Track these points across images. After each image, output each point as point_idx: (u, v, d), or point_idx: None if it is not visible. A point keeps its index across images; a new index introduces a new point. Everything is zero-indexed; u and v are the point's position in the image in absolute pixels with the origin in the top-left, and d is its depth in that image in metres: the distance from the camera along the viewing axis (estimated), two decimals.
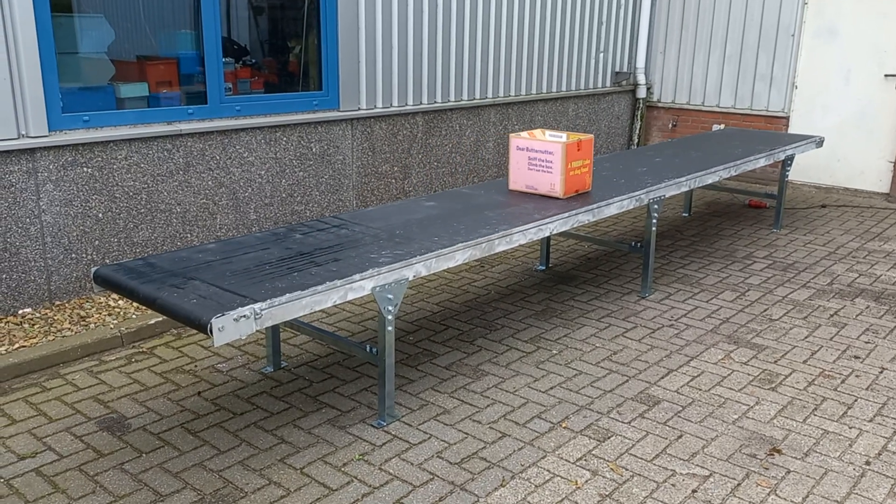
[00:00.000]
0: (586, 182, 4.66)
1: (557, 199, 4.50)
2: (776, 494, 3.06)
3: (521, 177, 4.62)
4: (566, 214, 4.25)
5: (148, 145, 4.90)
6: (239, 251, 3.52)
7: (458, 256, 3.64)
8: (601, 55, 8.64)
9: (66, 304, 4.66)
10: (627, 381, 3.99)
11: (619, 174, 5.28)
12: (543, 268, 5.76)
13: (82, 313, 4.55)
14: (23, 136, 4.38)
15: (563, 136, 4.54)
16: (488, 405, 3.73)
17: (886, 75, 7.73)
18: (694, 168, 5.50)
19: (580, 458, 3.29)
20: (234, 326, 2.77)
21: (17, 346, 4.11)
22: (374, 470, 3.19)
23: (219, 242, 3.65)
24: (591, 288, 5.35)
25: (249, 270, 3.26)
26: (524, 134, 4.60)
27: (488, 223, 4.02)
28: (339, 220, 4.07)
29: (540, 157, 4.48)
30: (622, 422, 3.59)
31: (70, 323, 4.41)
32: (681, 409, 3.72)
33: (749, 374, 4.08)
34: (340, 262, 3.39)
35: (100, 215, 4.76)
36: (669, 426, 3.56)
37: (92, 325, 4.40)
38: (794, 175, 8.48)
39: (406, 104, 6.51)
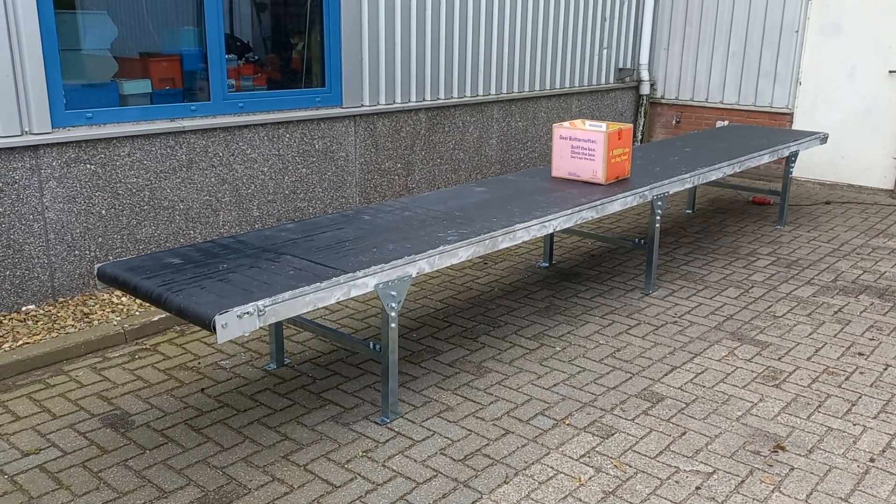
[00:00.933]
0: (626, 169, 4.93)
1: (599, 184, 4.77)
2: (780, 491, 3.06)
3: (564, 164, 4.90)
4: (609, 199, 4.50)
5: (151, 142, 4.90)
6: (317, 230, 3.81)
7: (462, 253, 3.64)
8: (605, 51, 8.62)
9: (70, 301, 4.66)
10: (631, 377, 3.99)
11: (651, 164, 5.40)
12: (547, 265, 5.75)
13: (86, 310, 4.56)
14: (26, 132, 4.39)
15: (602, 126, 4.80)
16: (491, 402, 3.72)
17: (891, 71, 7.70)
18: (697, 164, 5.48)
19: (584, 455, 3.28)
20: (237, 323, 2.77)
21: (20, 342, 4.11)
22: (377, 467, 3.19)
23: (296, 223, 3.93)
24: (594, 285, 5.34)
25: (332, 247, 3.54)
26: (566, 124, 4.87)
27: (539, 206, 4.27)
28: (401, 203, 4.36)
29: (583, 146, 4.76)
30: (626, 419, 3.59)
31: (73, 320, 4.42)
32: (684, 406, 3.71)
33: (753, 371, 4.07)
34: (411, 239, 3.66)
35: (103, 212, 4.77)
36: (673, 423, 3.55)
37: (95, 322, 4.40)
38: (798, 172, 8.46)
39: (409, 101, 6.50)
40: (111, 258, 4.87)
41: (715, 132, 7.11)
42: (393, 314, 3.37)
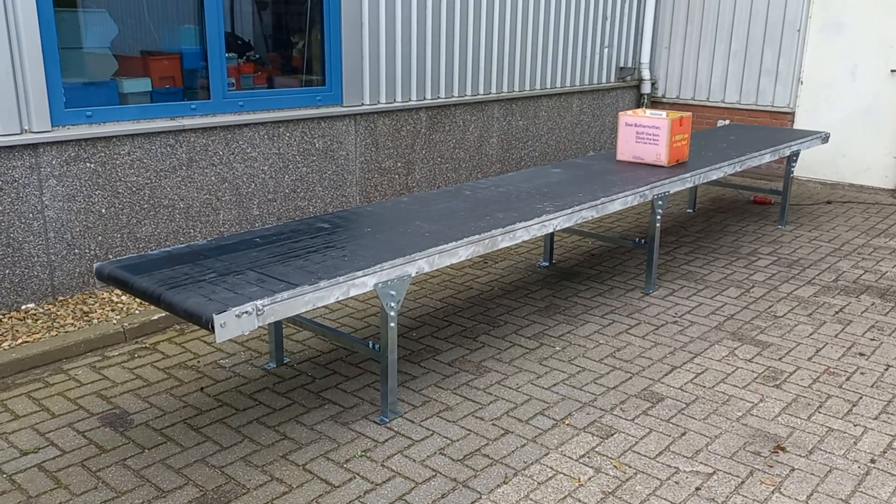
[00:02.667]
0: (685, 153, 5.51)
1: (663, 166, 5.31)
2: (780, 492, 3.05)
3: (628, 148, 5.44)
4: (673, 178, 5.02)
5: (151, 141, 4.89)
6: (431, 203, 4.33)
7: (461, 252, 3.63)
8: (606, 50, 8.61)
9: (69, 300, 4.66)
10: (631, 377, 3.98)
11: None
12: (547, 264, 5.74)
13: (85, 309, 4.55)
14: (26, 131, 4.38)
15: (662, 114, 5.30)
16: (491, 402, 3.72)
17: (893, 70, 7.69)
18: (698, 164, 5.47)
19: (583, 456, 3.28)
20: (236, 322, 2.76)
21: (19, 341, 4.11)
22: (376, 466, 3.18)
23: (411, 196, 4.46)
24: (594, 284, 5.33)
25: (450, 216, 4.05)
26: (629, 112, 5.42)
27: (614, 185, 4.77)
28: (493, 182, 4.89)
29: (647, 132, 5.31)
30: (625, 419, 3.58)
31: (73, 318, 4.41)
32: (684, 406, 3.70)
33: (753, 371, 4.06)
34: (514, 210, 4.15)
35: (103, 211, 4.76)
36: (673, 423, 3.54)
37: (95, 321, 4.40)
38: (799, 171, 8.45)
39: (409, 99, 6.49)
40: (111, 257, 4.86)
41: (716, 131, 7.10)
42: (392, 313, 3.36)
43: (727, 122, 8.79)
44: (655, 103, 9.34)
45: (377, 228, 3.83)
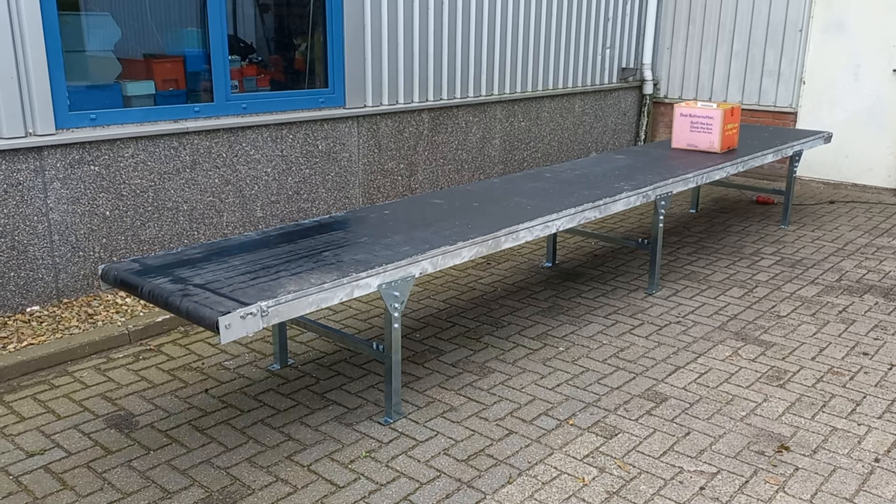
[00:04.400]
0: (735, 141, 6.05)
1: (715, 153, 5.82)
2: (785, 492, 3.05)
3: (683, 137, 5.99)
4: (727, 163, 5.52)
5: (154, 143, 4.91)
6: (519, 184, 4.81)
7: (465, 253, 3.64)
8: (607, 51, 8.61)
9: (74, 302, 4.67)
10: (634, 378, 3.98)
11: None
12: (550, 265, 5.75)
13: (90, 311, 4.57)
14: (30, 134, 4.40)
15: (713, 105, 5.84)
16: (495, 402, 3.72)
17: (895, 70, 7.68)
18: (700, 164, 5.47)
19: (587, 456, 3.28)
20: (240, 324, 2.77)
21: (25, 343, 4.12)
22: (380, 467, 3.19)
23: (500, 179, 4.94)
24: (597, 285, 5.34)
25: (541, 195, 4.49)
26: (683, 104, 5.98)
27: (677, 168, 5.29)
28: (567, 166, 5.42)
29: (701, 121, 5.84)
30: (629, 419, 3.58)
31: (78, 321, 4.43)
32: (688, 406, 3.71)
33: (757, 371, 4.06)
34: (597, 188, 4.70)
35: (107, 213, 4.77)
36: (677, 423, 3.55)
37: (99, 323, 4.41)
38: (802, 171, 8.44)
39: (412, 101, 6.50)
40: (115, 259, 4.87)
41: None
42: (396, 314, 3.37)
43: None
44: (657, 104, 9.34)
45: (484, 203, 4.31)
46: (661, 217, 5.02)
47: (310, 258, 3.36)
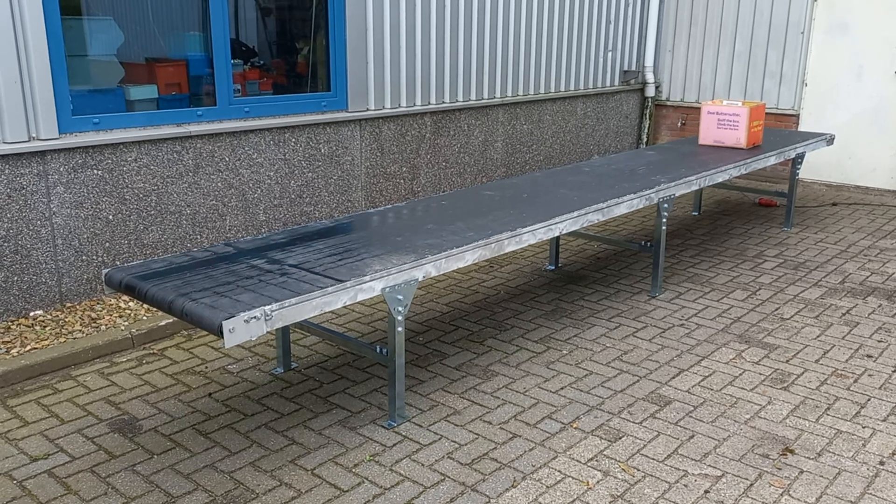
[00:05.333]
0: (760, 137, 6.32)
1: (742, 148, 6.10)
2: (789, 495, 3.04)
3: (710, 134, 6.28)
4: (753, 158, 5.79)
5: (157, 147, 4.92)
6: (560, 177, 5.11)
7: (468, 256, 3.64)
8: (609, 54, 8.62)
9: (77, 306, 4.68)
10: (638, 381, 3.98)
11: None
12: (553, 268, 5.74)
13: (93, 315, 4.57)
14: (33, 138, 4.41)
15: (738, 103, 6.15)
16: (499, 406, 3.72)
17: None
18: (703, 166, 5.47)
19: (591, 459, 3.28)
20: (244, 328, 2.77)
21: (28, 348, 4.13)
22: (384, 471, 3.19)
23: (542, 172, 5.25)
24: (600, 288, 5.33)
25: (580, 186, 4.79)
26: (709, 102, 6.28)
27: (708, 163, 5.55)
28: (605, 160, 5.71)
29: (729, 119, 6.11)
30: (633, 422, 3.58)
31: (81, 325, 4.43)
32: (692, 409, 3.70)
33: (761, 374, 4.06)
34: (636, 181, 4.97)
35: (110, 217, 4.78)
36: (681, 426, 3.54)
37: (103, 327, 4.42)
38: (804, 173, 8.44)
39: (414, 104, 6.50)
40: (118, 263, 4.88)
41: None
42: (400, 318, 3.37)
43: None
44: (659, 106, 9.34)
45: (532, 195, 4.57)
46: (664, 220, 5.02)
47: (385, 243, 3.63)
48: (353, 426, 3.53)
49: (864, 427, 3.55)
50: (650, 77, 9.10)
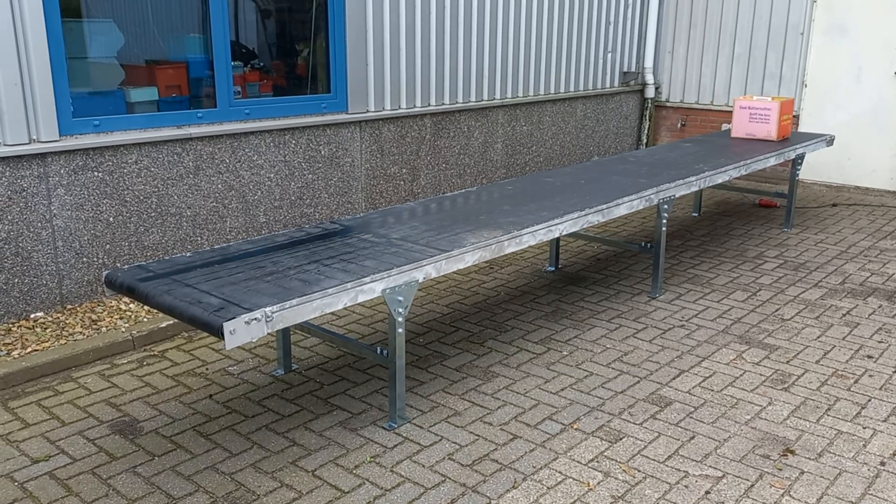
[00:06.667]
0: (789, 130, 6.74)
1: (772, 141, 6.55)
2: (790, 495, 3.05)
3: (742, 127, 6.72)
4: (783, 150, 6.20)
5: (158, 149, 4.92)
6: (609, 166, 5.53)
7: (468, 258, 3.64)
8: (609, 55, 8.62)
9: (78, 308, 4.68)
10: (639, 382, 3.98)
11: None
12: (553, 269, 5.75)
13: (94, 317, 4.57)
14: (34, 140, 4.41)
15: (768, 99, 6.60)
16: (499, 407, 3.72)
17: None
18: (703, 167, 5.47)
19: (592, 460, 3.28)
20: (245, 329, 2.77)
21: (29, 350, 4.13)
22: (385, 472, 3.19)
23: (591, 162, 5.67)
24: (601, 289, 5.34)
25: (630, 174, 5.21)
26: (742, 98, 6.75)
27: (743, 154, 5.95)
28: (645, 152, 6.15)
29: (760, 113, 6.58)
30: (634, 423, 3.58)
31: (82, 327, 4.43)
32: (693, 409, 3.70)
33: (761, 375, 4.06)
34: (684, 169, 5.36)
35: (111, 219, 4.78)
36: (682, 427, 3.54)
37: (103, 329, 4.42)
38: (804, 174, 8.44)
39: (414, 106, 6.51)
40: (119, 265, 4.88)
41: (721, 135, 7.10)
42: (400, 319, 3.37)
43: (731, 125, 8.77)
44: (659, 108, 9.35)
45: (589, 181, 5.01)
46: (664, 220, 5.02)
47: (470, 221, 4.01)
48: (354, 427, 3.53)
49: (864, 428, 3.55)
50: (650, 78, 9.11)
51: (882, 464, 3.27)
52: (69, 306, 4.69)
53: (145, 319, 4.56)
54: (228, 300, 2.92)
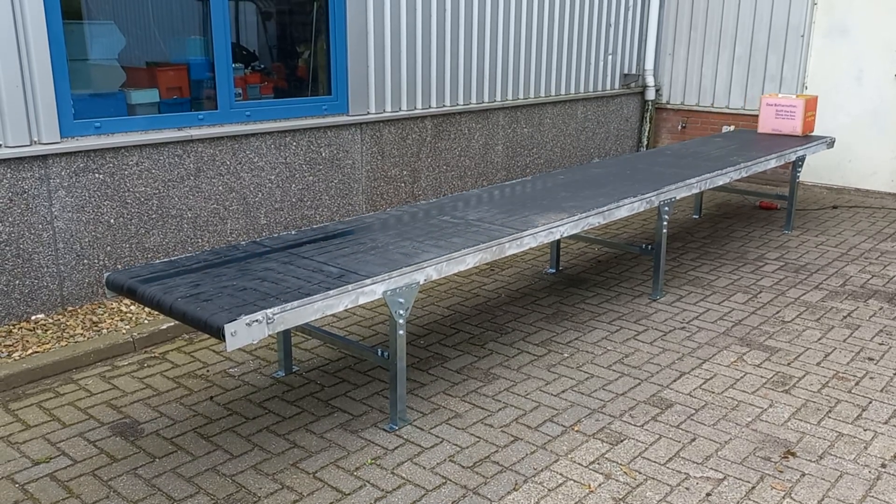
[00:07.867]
0: (812, 126, 7.04)
1: (797, 136, 6.86)
2: (791, 497, 3.04)
3: (768, 123, 7.02)
4: (805, 146, 6.46)
5: (159, 151, 4.92)
6: (646, 158, 5.85)
7: (469, 260, 3.64)
8: (610, 57, 8.63)
9: (79, 310, 4.68)
10: (639, 383, 3.98)
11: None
12: (554, 271, 5.75)
13: (95, 319, 4.57)
14: (35, 142, 4.41)
15: (793, 96, 6.93)
16: (500, 409, 3.72)
17: None
18: (703, 169, 5.48)
19: (593, 462, 3.28)
20: (246, 331, 2.78)
21: (30, 351, 4.13)
22: (386, 474, 3.19)
23: (632, 155, 6.04)
24: (601, 291, 5.34)
25: (669, 165, 5.55)
26: (768, 95, 7.03)
27: (772, 148, 6.27)
28: (678, 146, 6.49)
29: (786, 109, 6.90)
30: (635, 425, 3.58)
31: (83, 328, 4.43)
32: (694, 411, 3.70)
33: (762, 377, 4.06)
34: (719, 162, 5.68)
35: (111, 221, 4.79)
36: (682, 429, 3.54)
37: (104, 331, 4.42)
38: (805, 176, 8.44)
39: (415, 108, 6.51)
40: (120, 267, 4.88)
41: (721, 137, 7.10)
42: (401, 321, 3.37)
43: (732, 127, 8.79)
44: (660, 110, 9.35)
45: (633, 172, 5.30)
46: (665, 222, 5.02)
47: (535, 206, 4.29)
48: (355, 429, 3.53)
49: (865, 430, 3.55)
50: (650, 80, 9.11)
51: (883, 466, 3.26)
52: (70, 308, 4.69)
53: (146, 321, 4.57)
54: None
